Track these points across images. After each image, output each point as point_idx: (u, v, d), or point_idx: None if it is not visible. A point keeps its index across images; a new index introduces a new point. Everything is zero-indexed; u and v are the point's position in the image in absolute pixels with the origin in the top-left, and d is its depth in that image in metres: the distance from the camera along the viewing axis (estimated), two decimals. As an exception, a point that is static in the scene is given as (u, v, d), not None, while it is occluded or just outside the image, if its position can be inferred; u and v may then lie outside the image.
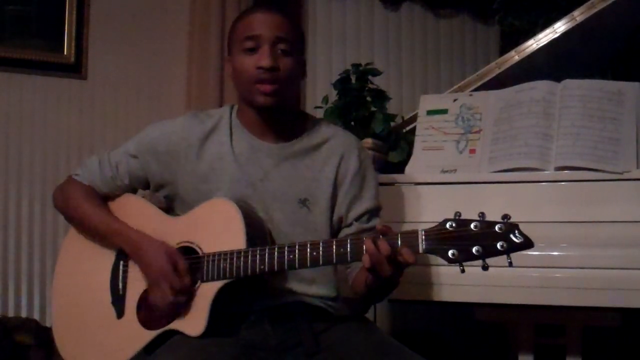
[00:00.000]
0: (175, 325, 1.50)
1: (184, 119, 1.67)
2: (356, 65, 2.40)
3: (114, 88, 3.16)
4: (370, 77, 2.39)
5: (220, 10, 3.16)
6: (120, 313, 1.60)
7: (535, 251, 1.31)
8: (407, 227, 1.96)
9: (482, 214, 1.30)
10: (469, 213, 1.92)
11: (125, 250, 1.61)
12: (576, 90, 1.96)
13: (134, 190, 1.72)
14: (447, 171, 2.03)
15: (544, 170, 1.91)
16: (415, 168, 2.07)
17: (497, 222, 1.29)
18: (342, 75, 2.41)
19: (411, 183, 2.02)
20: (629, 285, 1.75)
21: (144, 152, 1.65)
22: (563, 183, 1.89)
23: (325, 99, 2.45)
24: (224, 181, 1.60)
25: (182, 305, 1.50)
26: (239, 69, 1.59)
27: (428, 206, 1.98)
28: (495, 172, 1.96)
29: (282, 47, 1.57)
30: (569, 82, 1.98)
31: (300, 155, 1.64)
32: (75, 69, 3.09)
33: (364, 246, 1.35)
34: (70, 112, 3.09)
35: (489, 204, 1.92)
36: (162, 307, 1.51)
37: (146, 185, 1.70)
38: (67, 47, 3.07)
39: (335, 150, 1.66)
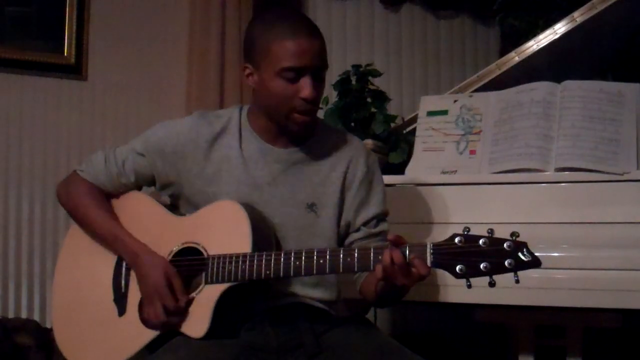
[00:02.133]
0: (178, 325, 1.50)
1: (192, 120, 1.65)
2: (356, 66, 2.40)
3: (114, 89, 3.16)
4: (370, 78, 2.39)
5: (220, 12, 3.16)
6: (121, 311, 1.59)
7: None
8: (407, 228, 1.95)
9: (490, 231, 1.31)
10: (470, 214, 1.93)
11: (123, 258, 1.61)
12: (576, 91, 1.96)
13: (139, 188, 1.71)
14: (447, 172, 2.03)
15: (544, 171, 1.91)
16: (416, 169, 2.07)
17: (505, 240, 1.29)
18: (342, 76, 2.41)
19: (411, 184, 2.02)
20: (629, 286, 1.75)
21: (150, 150, 1.64)
22: (563, 184, 1.90)
23: (326, 100, 2.44)
24: (231, 184, 1.59)
25: (174, 324, 1.50)
26: (274, 92, 1.52)
27: (428, 207, 1.98)
28: (495, 173, 1.96)
29: (320, 74, 1.54)
30: (569, 83, 1.98)
31: (308, 160, 1.63)
32: (76, 70, 3.10)
33: (382, 257, 1.35)
34: (70, 113, 3.09)
35: (489, 205, 1.93)
36: (153, 324, 1.52)
37: (152, 183, 1.69)
38: (68, 48, 3.07)
39: (343, 155, 1.65)
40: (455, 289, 1.88)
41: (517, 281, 1.29)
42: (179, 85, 3.19)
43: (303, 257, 1.42)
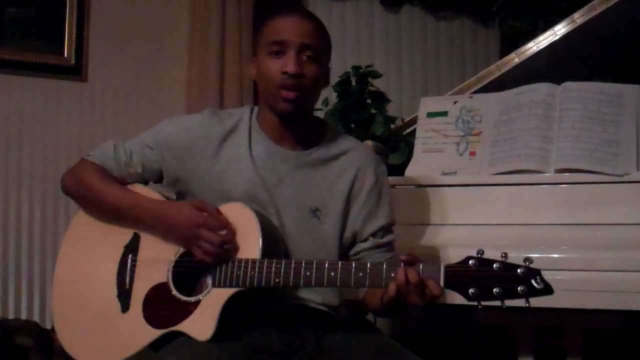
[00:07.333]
0: (183, 327, 1.49)
1: (204, 116, 1.64)
2: (356, 68, 2.40)
3: (114, 90, 3.16)
4: (370, 79, 2.39)
5: (220, 12, 3.17)
6: (125, 307, 1.57)
7: (535, 253, 1.31)
8: (407, 229, 1.96)
9: (504, 255, 1.30)
10: (469, 215, 1.93)
11: (146, 221, 1.58)
12: (576, 92, 1.96)
13: (145, 182, 1.69)
14: (447, 173, 2.03)
15: (544, 172, 1.91)
16: (416, 170, 2.07)
17: (519, 266, 1.29)
18: (342, 77, 2.41)
19: (411, 185, 2.02)
20: (629, 287, 1.75)
21: (160, 145, 1.63)
22: (563, 185, 1.89)
23: (325, 101, 2.45)
24: (239, 183, 1.58)
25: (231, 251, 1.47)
26: (263, 71, 1.57)
27: (428, 208, 1.98)
28: (495, 174, 1.96)
29: (308, 54, 1.55)
30: (569, 85, 1.98)
31: (317, 164, 1.63)
32: (75, 71, 3.10)
33: (396, 275, 1.36)
34: (70, 114, 3.10)
35: (489, 206, 1.93)
36: (214, 256, 1.48)
37: (159, 178, 1.67)
38: (67, 49, 3.08)
39: (352, 164, 1.64)
40: (455, 290, 1.88)
41: (529, 306, 1.29)
42: (179, 85, 3.19)
43: (314, 268, 1.41)
